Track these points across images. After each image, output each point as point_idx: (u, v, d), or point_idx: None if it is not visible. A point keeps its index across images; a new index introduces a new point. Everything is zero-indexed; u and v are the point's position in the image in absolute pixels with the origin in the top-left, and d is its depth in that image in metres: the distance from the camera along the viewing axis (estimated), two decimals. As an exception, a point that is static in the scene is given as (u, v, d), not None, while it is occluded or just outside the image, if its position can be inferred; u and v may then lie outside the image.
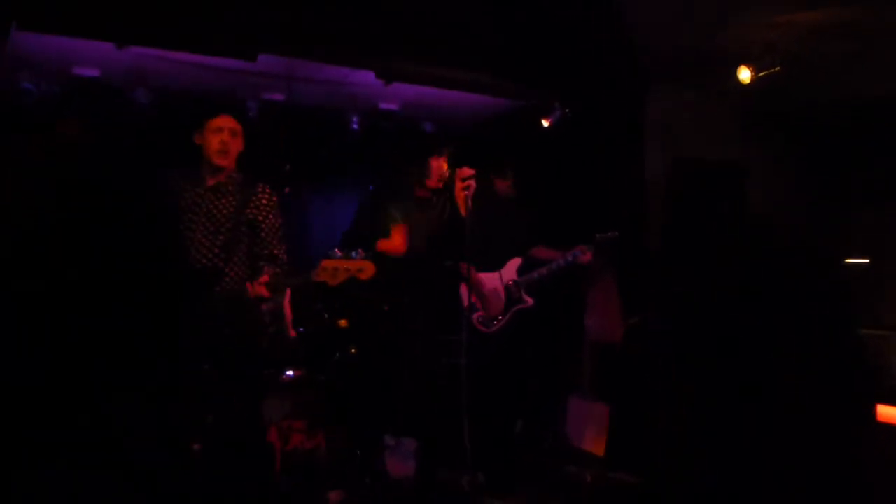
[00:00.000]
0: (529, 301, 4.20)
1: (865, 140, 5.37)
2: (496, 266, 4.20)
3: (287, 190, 4.82)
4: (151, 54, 3.92)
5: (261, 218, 3.19)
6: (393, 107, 5.14)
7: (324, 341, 4.47)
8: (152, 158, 4.45)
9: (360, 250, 2.92)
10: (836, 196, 5.52)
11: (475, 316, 3.88)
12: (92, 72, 4.24)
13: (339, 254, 2.91)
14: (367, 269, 2.91)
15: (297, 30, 3.80)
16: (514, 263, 4.23)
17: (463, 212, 3.55)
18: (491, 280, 4.18)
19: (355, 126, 5.16)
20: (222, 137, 3.14)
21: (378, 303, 4.33)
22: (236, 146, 3.20)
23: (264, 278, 3.05)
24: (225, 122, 3.17)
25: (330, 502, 3.61)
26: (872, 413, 3.43)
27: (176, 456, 3.22)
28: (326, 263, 2.90)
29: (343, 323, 4.57)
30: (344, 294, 4.04)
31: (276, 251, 3.22)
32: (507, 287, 4.18)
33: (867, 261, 4.65)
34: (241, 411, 3.15)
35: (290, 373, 4.14)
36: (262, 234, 3.19)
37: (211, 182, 3.17)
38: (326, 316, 4.61)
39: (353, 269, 2.89)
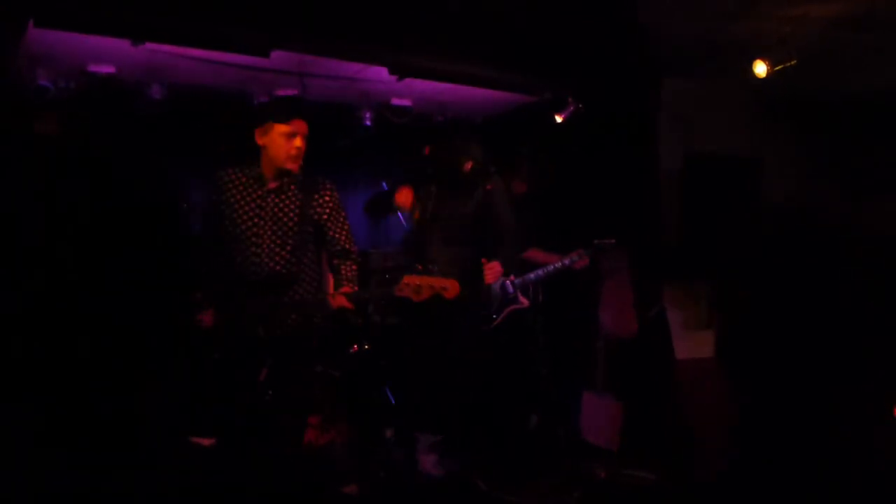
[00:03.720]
0: (525, 302, 4.17)
1: (883, 129, 5.34)
2: None
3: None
4: (166, 51, 3.93)
5: (325, 216, 3.09)
6: (406, 102, 5.14)
7: (338, 337, 4.48)
8: (166, 153, 4.51)
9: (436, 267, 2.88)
10: (850, 187, 5.48)
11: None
12: (107, 68, 4.26)
13: (421, 269, 2.92)
14: (452, 288, 2.83)
15: (309, 26, 3.80)
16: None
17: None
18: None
19: (368, 122, 5.17)
20: (297, 143, 2.99)
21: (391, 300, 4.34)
22: (305, 146, 3.05)
23: (346, 289, 2.98)
24: (301, 126, 3.01)
25: (345, 497, 3.63)
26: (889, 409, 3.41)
27: (197, 448, 3.24)
28: (409, 280, 2.84)
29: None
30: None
31: (347, 245, 3.14)
32: (503, 286, 4.14)
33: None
34: (293, 407, 3.14)
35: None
36: (331, 233, 3.11)
37: (274, 184, 3.04)
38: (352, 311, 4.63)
39: (437, 286, 2.83)
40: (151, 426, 3.52)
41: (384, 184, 4.72)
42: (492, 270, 3.67)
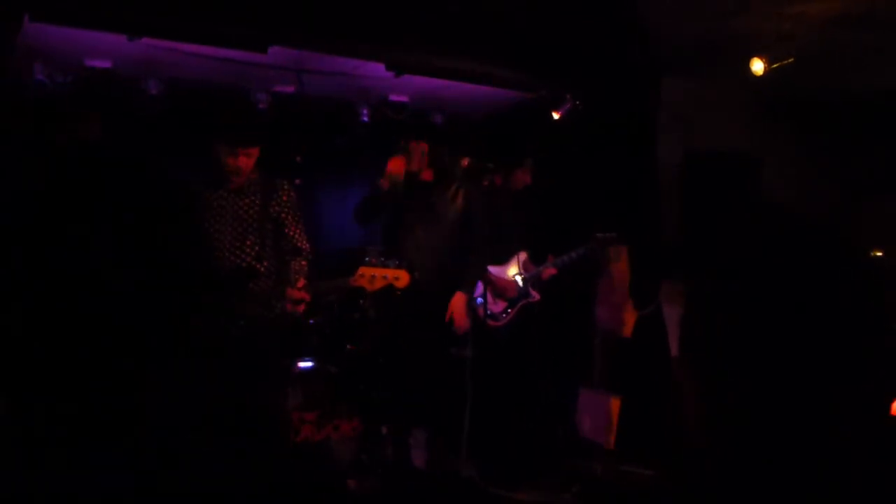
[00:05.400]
0: (536, 296, 4.19)
1: (882, 129, 5.32)
2: (502, 260, 4.19)
3: (298, 181, 4.83)
4: (163, 46, 3.92)
5: (283, 214, 3.26)
6: (403, 99, 5.14)
7: (335, 333, 4.48)
8: (163, 148, 4.49)
9: (395, 259, 3.05)
10: (850, 187, 5.48)
11: (481, 311, 3.88)
12: (104, 63, 4.25)
13: (375, 261, 3.02)
14: (403, 278, 3.04)
15: (307, 22, 3.79)
16: (520, 258, 4.22)
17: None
18: (500, 274, 4.17)
19: (365, 118, 5.16)
20: (231, 161, 3.09)
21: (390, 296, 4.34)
22: (251, 163, 3.15)
23: (301, 282, 3.09)
24: (243, 152, 3.09)
25: (342, 492, 3.64)
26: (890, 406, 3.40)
27: (189, 442, 3.23)
28: (364, 270, 3.02)
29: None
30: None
31: (300, 244, 3.30)
32: (515, 280, 4.17)
33: (881, 254, 4.61)
34: (269, 401, 3.21)
35: (301, 365, 4.15)
36: (286, 230, 3.27)
37: (233, 185, 3.20)
38: (336, 308, 4.62)
39: (389, 277, 3.02)
40: (151, 425, 3.50)
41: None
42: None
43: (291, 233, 3.28)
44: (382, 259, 3.03)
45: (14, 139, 3.89)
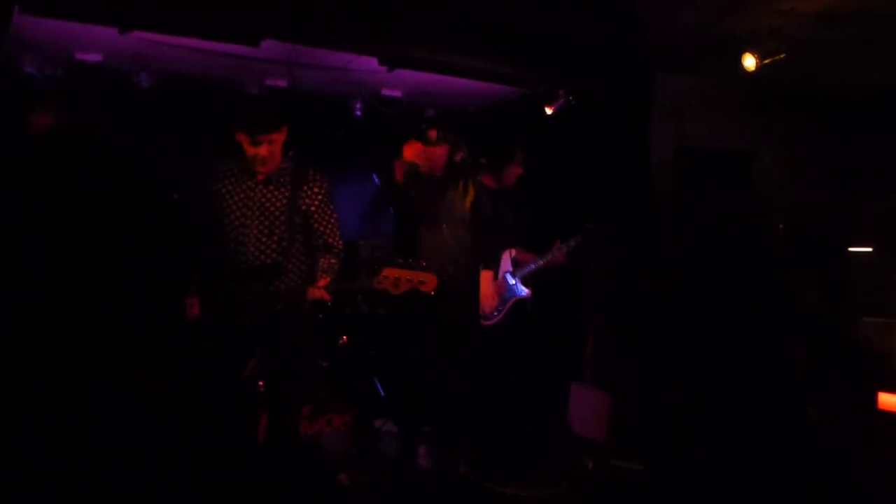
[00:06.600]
0: (527, 292, 4.20)
1: (874, 127, 5.35)
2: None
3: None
4: (154, 39, 3.90)
5: (314, 208, 3.08)
6: (396, 93, 5.12)
7: (328, 327, 4.47)
8: (155, 142, 4.47)
9: (421, 261, 2.83)
10: (842, 184, 5.50)
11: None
12: (94, 56, 4.22)
13: (402, 262, 2.81)
14: (430, 282, 2.81)
15: (300, 15, 3.78)
16: (510, 255, 4.22)
17: None
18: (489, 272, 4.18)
19: (359, 112, 5.14)
20: (257, 151, 2.94)
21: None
22: (277, 151, 3.01)
23: (323, 282, 2.97)
24: (263, 138, 2.93)
25: (335, 486, 3.64)
26: (873, 400, 3.44)
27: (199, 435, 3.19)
28: (389, 272, 2.79)
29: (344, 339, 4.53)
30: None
31: (331, 240, 3.13)
32: (504, 278, 4.17)
33: (871, 249, 4.64)
34: (284, 401, 3.14)
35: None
36: (316, 225, 3.10)
37: (262, 175, 3.04)
38: (330, 303, 4.62)
39: (415, 280, 2.80)
40: (150, 422, 3.49)
41: (375, 176, 4.70)
42: None
43: (322, 228, 3.10)
44: (409, 260, 2.81)
45: (6, 133, 3.86)
